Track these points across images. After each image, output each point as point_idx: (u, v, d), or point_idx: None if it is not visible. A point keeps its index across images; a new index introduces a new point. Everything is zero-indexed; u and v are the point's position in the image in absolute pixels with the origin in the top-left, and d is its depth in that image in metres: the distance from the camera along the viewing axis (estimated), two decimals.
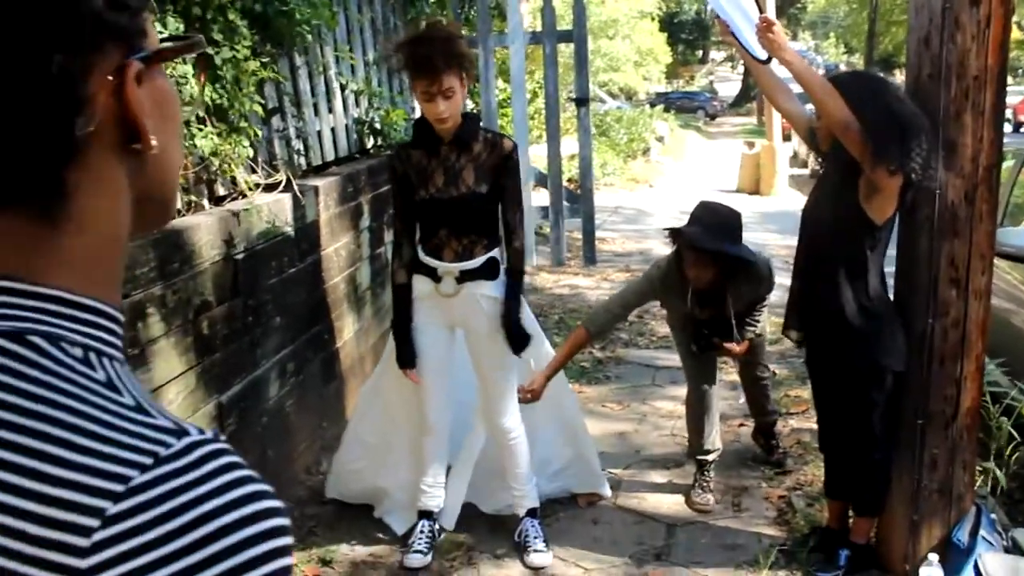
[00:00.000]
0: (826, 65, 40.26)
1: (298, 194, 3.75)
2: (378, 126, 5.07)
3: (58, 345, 0.54)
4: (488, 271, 3.14)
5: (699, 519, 3.68)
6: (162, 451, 0.50)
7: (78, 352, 0.55)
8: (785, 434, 4.39)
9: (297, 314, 3.80)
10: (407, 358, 3.22)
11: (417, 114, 5.80)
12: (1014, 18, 3.59)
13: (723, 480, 3.96)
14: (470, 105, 6.64)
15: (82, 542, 0.47)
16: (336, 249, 4.22)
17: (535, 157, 8.48)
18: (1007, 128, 24.84)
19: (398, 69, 3.06)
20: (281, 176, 3.72)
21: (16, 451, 0.49)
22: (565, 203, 7.49)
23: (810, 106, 3.08)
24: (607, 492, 3.82)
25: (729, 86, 50.53)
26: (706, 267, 3.39)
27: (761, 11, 2.98)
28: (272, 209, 3.53)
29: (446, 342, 3.30)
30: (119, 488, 0.48)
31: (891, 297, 3.09)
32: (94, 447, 0.50)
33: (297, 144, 4.11)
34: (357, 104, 4.99)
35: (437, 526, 3.45)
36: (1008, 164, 5.05)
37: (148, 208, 0.64)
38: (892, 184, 2.80)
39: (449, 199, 3.04)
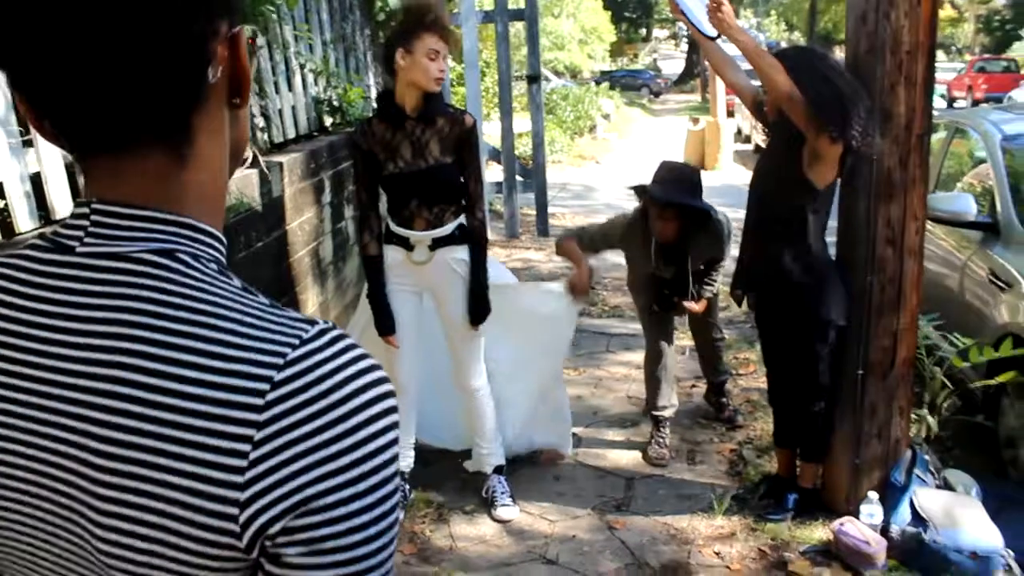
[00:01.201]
0: (768, 43, 40.83)
1: (265, 170, 3.84)
2: (336, 104, 5.16)
3: (200, 261, 0.69)
4: (459, 236, 3.28)
5: (656, 472, 3.89)
6: (303, 334, 0.66)
7: (214, 267, 0.70)
8: (735, 393, 4.62)
9: (264, 288, 3.86)
10: (386, 325, 3.35)
11: (374, 92, 5.92)
12: None
13: (678, 436, 4.18)
14: None
15: (258, 401, 0.62)
16: (300, 224, 4.32)
17: (487, 135, 8.61)
18: (942, 104, 25.48)
19: (407, 29, 3.08)
20: (247, 153, 3.80)
21: (195, 339, 0.64)
22: (518, 178, 7.63)
23: (757, 81, 3.26)
24: (569, 451, 4.01)
25: (673, 64, 50.96)
26: (670, 220, 3.65)
27: None
28: (240, 185, 3.63)
29: (416, 306, 3.44)
30: (279, 361, 0.63)
31: (832, 257, 3.30)
32: (253, 333, 0.65)
33: (260, 121, 4.19)
34: (316, 83, 5.07)
35: (407, 486, 3.60)
36: (940, 136, 5.32)
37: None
38: (833, 151, 3.00)
39: (419, 171, 3.17)
